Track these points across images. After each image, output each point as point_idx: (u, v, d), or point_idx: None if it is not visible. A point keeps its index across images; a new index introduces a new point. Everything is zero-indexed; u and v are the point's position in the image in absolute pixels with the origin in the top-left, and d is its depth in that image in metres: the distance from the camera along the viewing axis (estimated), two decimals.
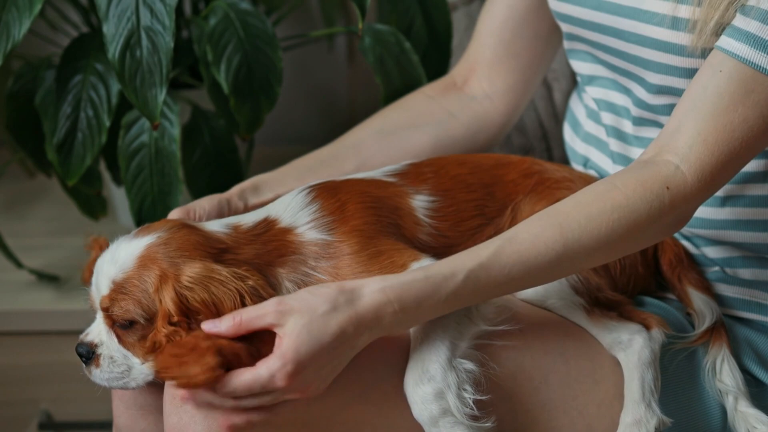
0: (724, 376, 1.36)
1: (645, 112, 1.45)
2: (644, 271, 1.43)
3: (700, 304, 1.40)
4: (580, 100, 1.61)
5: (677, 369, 1.36)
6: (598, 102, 1.53)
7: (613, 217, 1.24)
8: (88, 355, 1.29)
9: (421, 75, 1.78)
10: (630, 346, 1.33)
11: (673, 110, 1.31)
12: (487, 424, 1.25)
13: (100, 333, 1.29)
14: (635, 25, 1.39)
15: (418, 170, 1.42)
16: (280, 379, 1.16)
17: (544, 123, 2.06)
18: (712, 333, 1.38)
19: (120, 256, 1.27)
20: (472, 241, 1.37)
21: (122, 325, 1.27)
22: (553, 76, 2.06)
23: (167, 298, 1.23)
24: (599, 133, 1.55)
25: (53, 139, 1.72)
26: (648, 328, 1.34)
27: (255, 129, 1.72)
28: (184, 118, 1.82)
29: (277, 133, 2.46)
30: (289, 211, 1.34)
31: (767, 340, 1.42)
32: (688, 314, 1.42)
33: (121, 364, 1.28)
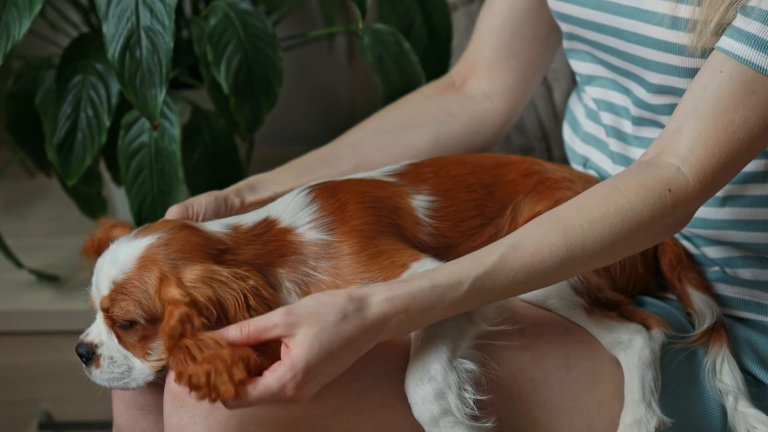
0: (724, 376, 1.36)
1: (645, 112, 1.45)
2: (644, 271, 1.43)
3: (700, 304, 1.40)
4: (580, 100, 1.61)
5: (677, 369, 1.36)
6: (598, 102, 1.53)
7: (615, 221, 1.24)
8: (89, 355, 1.29)
9: (421, 75, 1.78)
10: (630, 346, 1.33)
11: (673, 110, 1.31)
12: (488, 424, 1.25)
13: (100, 333, 1.29)
14: (635, 25, 1.39)
15: (418, 170, 1.42)
16: (290, 390, 1.16)
17: (544, 123, 2.06)
18: (712, 333, 1.38)
19: (120, 257, 1.26)
20: (472, 241, 1.37)
21: (122, 326, 1.26)
22: (553, 76, 2.06)
23: (172, 292, 1.22)
24: (599, 133, 1.55)
25: (53, 139, 1.72)
26: (648, 328, 1.34)
27: (255, 129, 1.72)
28: (184, 118, 1.82)
29: (277, 133, 2.46)
30: (289, 212, 1.34)
31: (767, 340, 1.42)
32: (688, 314, 1.42)
33: (121, 365, 1.28)
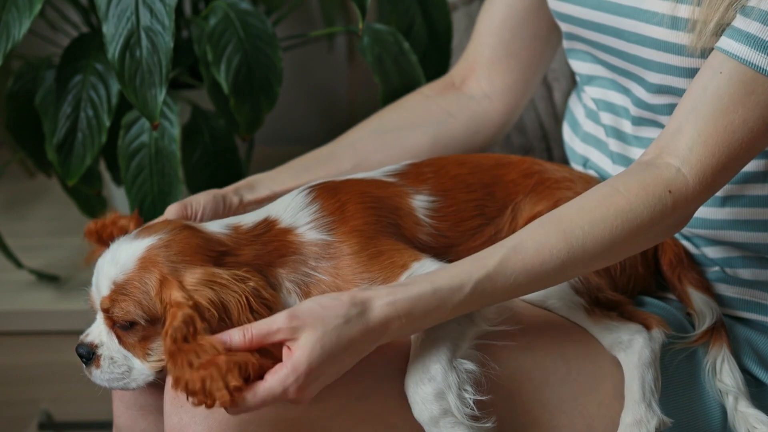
0: (724, 376, 1.36)
1: (645, 112, 1.45)
2: (644, 271, 1.43)
3: (701, 304, 1.40)
4: (579, 100, 1.61)
5: (677, 369, 1.36)
6: (597, 102, 1.53)
7: (616, 223, 1.24)
8: (89, 355, 1.29)
9: (420, 75, 1.78)
10: (630, 346, 1.33)
11: (673, 110, 1.31)
12: (488, 425, 1.25)
13: (100, 334, 1.29)
14: (635, 25, 1.39)
15: (418, 170, 1.42)
16: (292, 393, 1.16)
17: (544, 123, 2.06)
18: (713, 333, 1.38)
19: (121, 257, 1.26)
20: (472, 241, 1.37)
21: (123, 326, 1.26)
22: (553, 76, 2.06)
23: (174, 295, 1.22)
24: (598, 133, 1.55)
25: (53, 139, 1.72)
26: (648, 328, 1.34)
27: (255, 129, 1.72)
28: (184, 118, 1.82)
29: (277, 133, 2.46)
30: (289, 212, 1.34)
31: (767, 340, 1.42)
32: (688, 314, 1.42)
33: (121, 365, 1.28)
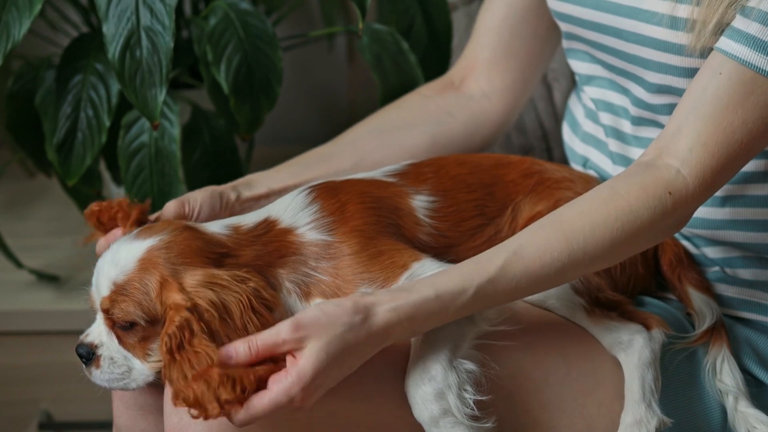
0: (724, 376, 1.36)
1: (644, 112, 1.44)
2: (644, 271, 1.43)
3: (700, 304, 1.40)
4: (579, 99, 1.61)
5: (677, 369, 1.36)
6: (596, 102, 1.53)
7: (617, 225, 1.25)
8: (89, 356, 1.29)
9: (419, 75, 1.78)
10: (630, 346, 1.33)
11: (672, 110, 1.31)
12: (488, 425, 1.25)
13: (100, 334, 1.29)
14: (635, 25, 1.39)
15: (418, 170, 1.42)
16: (297, 401, 1.16)
17: (544, 123, 2.06)
18: (712, 333, 1.38)
19: (121, 258, 1.26)
20: (472, 241, 1.38)
21: (123, 327, 1.26)
22: (553, 76, 2.06)
23: (174, 297, 1.22)
24: (598, 133, 1.55)
25: (53, 139, 1.72)
26: (648, 328, 1.34)
27: (255, 129, 1.72)
28: (184, 118, 1.82)
29: (277, 133, 2.46)
30: (290, 212, 1.34)
31: (767, 340, 1.42)
32: (688, 314, 1.42)
33: (121, 365, 1.28)
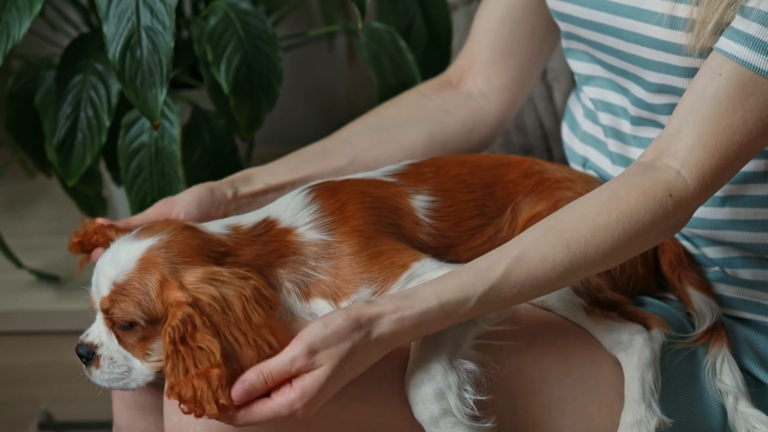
0: (724, 376, 1.36)
1: (644, 112, 1.44)
2: (644, 271, 1.43)
3: (700, 304, 1.40)
4: (578, 99, 1.60)
5: (677, 369, 1.36)
6: (595, 102, 1.53)
7: (618, 229, 1.24)
8: (88, 356, 1.29)
9: (416, 74, 1.78)
10: (630, 346, 1.33)
11: (672, 110, 1.31)
12: (488, 425, 1.25)
13: (100, 334, 1.29)
14: (634, 24, 1.39)
15: (418, 170, 1.42)
16: (299, 415, 1.17)
17: (544, 123, 2.06)
18: (712, 333, 1.38)
19: (121, 258, 1.26)
20: (472, 241, 1.37)
21: (122, 327, 1.26)
22: (553, 76, 2.05)
23: (175, 295, 1.22)
24: (597, 133, 1.55)
25: (53, 139, 1.72)
26: (648, 328, 1.34)
27: (255, 129, 1.72)
28: (184, 118, 1.82)
29: (277, 133, 2.46)
30: (289, 212, 1.34)
31: (767, 340, 1.42)
32: (688, 314, 1.42)
33: (121, 365, 1.28)
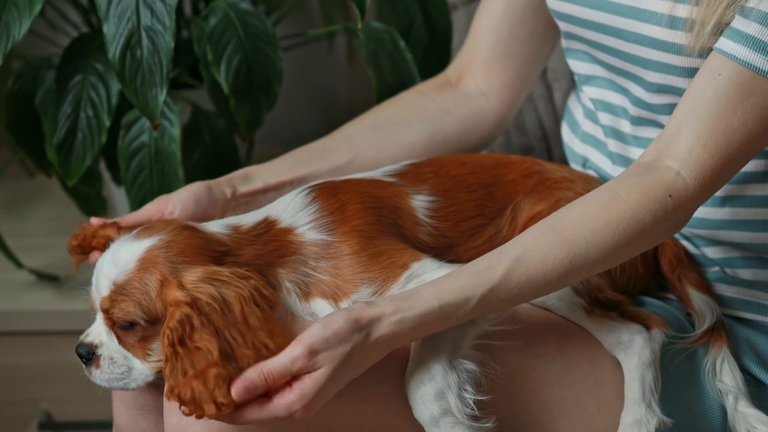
0: (724, 377, 1.36)
1: (644, 112, 1.44)
2: (644, 271, 1.43)
3: (701, 304, 1.40)
4: (578, 99, 1.60)
5: (677, 369, 1.36)
6: (595, 102, 1.53)
7: (618, 230, 1.24)
8: (89, 356, 1.29)
9: (415, 73, 1.78)
10: (630, 346, 1.33)
11: (672, 110, 1.31)
12: (488, 425, 1.25)
13: (100, 334, 1.29)
14: (634, 24, 1.39)
15: (418, 170, 1.42)
16: (297, 416, 1.17)
17: (544, 123, 2.06)
18: (713, 333, 1.38)
19: (121, 258, 1.26)
20: (472, 241, 1.37)
21: (122, 327, 1.26)
22: (553, 76, 2.05)
23: (174, 294, 1.22)
24: (597, 133, 1.55)
25: (53, 139, 1.72)
26: (648, 328, 1.34)
27: (255, 129, 1.72)
28: (184, 118, 1.82)
29: (277, 133, 2.46)
30: (289, 212, 1.34)
31: (767, 340, 1.42)
32: (688, 314, 1.42)
33: (121, 365, 1.28)
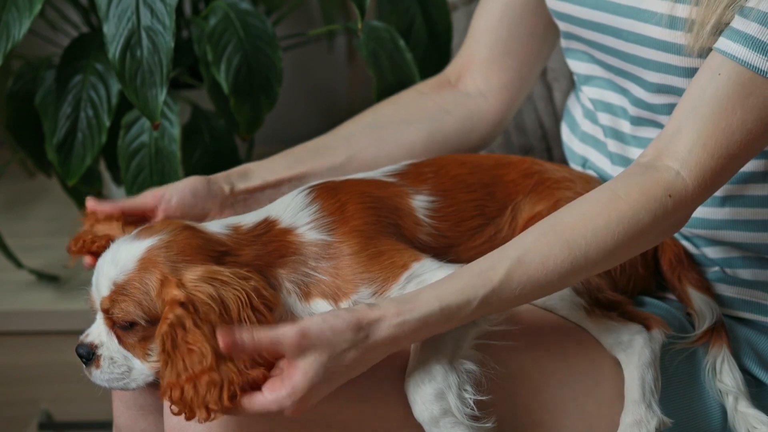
0: (724, 377, 1.36)
1: (644, 112, 1.44)
2: (644, 272, 1.43)
3: (701, 304, 1.40)
4: (578, 99, 1.60)
5: (677, 369, 1.36)
6: (595, 102, 1.53)
7: (618, 229, 1.24)
8: (89, 356, 1.29)
9: (415, 73, 1.78)
10: (630, 346, 1.33)
11: (672, 110, 1.31)
12: (488, 425, 1.25)
13: (100, 334, 1.29)
14: (634, 24, 1.39)
15: (418, 170, 1.42)
16: (288, 411, 1.17)
17: (544, 123, 2.06)
18: (713, 333, 1.38)
19: (121, 258, 1.26)
20: (472, 241, 1.38)
21: (123, 327, 1.26)
22: (553, 76, 2.05)
23: (172, 293, 1.22)
24: (596, 133, 1.55)
25: (53, 139, 1.72)
26: (648, 328, 1.34)
27: (255, 129, 1.72)
28: (184, 118, 1.82)
29: (277, 133, 2.46)
30: (289, 212, 1.34)
31: (767, 340, 1.42)
32: (688, 314, 1.42)
33: (121, 365, 1.28)
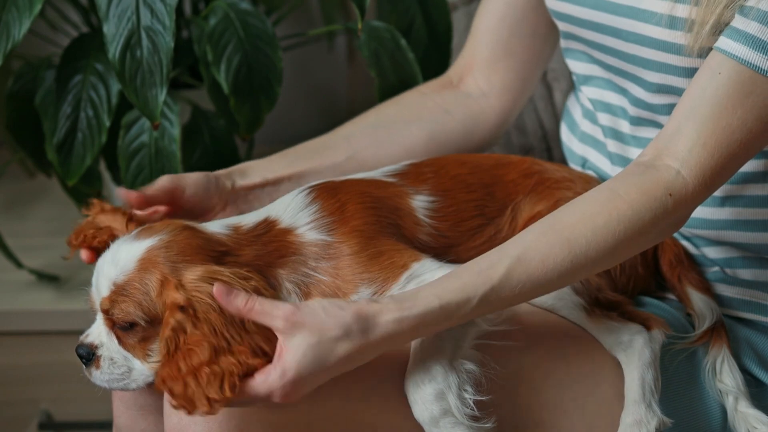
0: (724, 377, 1.36)
1: (644, 112, 1.44)
2: (644, 272, 1.43)
3: (700, 304, 1.40)
4: (577, 100, 1.60)
5: (677, 369, 1.36)
6: (594, 102, 1.53)
7: (618, 228, 1.24)
8: (89, 356, 1.29)
9: (417, 72, 1.78)
10: (630, 346, 1.33)
11: (672, 110, 1.31)
12: (488, 425, 1.25)
13: (100, 334, 1.29)
14: (633, 24, 1.39)
15: (418, 170, 1.42)
16: (277, 396, 1.16)
17: (544, 123, 2.06)
18: (713, 333, 1.38)
19: (121, 258, 1.26)
20: (472, 241, 1.38)
21: (123, 327, 1.26)
22: (553, 76, 2.05)
23: (172, 295, 1.22)
24: (596, 133, 1.55)
25: (53, 139, 1.73)
26: (648, 328, 1.34)
27: (255, 129, 1.72)
28: (184, 118, 1.82)
29: (277, 133, 2.46)
30: (289, 212, 1.34)
31: (767, 340, 1.42)
32: (688, 314, 1.42)
33: (121, 366, 1.28)
